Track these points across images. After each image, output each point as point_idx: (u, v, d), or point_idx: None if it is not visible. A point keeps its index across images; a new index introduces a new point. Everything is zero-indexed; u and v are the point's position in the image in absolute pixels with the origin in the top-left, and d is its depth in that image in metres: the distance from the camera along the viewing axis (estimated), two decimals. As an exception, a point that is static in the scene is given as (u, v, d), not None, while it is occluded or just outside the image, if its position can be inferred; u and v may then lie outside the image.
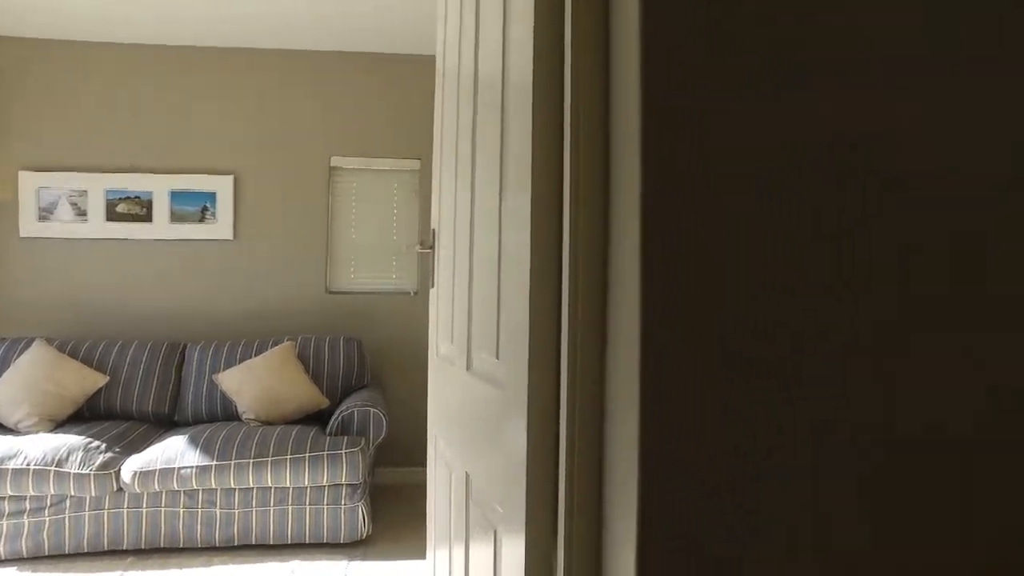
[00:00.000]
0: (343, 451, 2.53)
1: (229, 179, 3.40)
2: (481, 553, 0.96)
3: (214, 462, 2.45)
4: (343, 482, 2.51)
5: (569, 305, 0.66)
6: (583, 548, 0.66)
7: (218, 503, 2.49)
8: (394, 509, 3.07)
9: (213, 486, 2.47)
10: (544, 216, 0.73)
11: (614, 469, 0.62)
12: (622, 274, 0.61)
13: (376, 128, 3.52)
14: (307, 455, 2.51)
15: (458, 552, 1.12)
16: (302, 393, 2.90)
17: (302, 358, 3.07)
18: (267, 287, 3.43)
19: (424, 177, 3.55)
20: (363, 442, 2.60)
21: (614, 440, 0.62)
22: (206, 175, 3.39)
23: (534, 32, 0.73)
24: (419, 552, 2.58)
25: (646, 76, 0.57)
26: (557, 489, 0.70)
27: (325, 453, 2.51)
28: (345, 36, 3.32)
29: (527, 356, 0.73)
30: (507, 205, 0.84)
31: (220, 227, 3.40)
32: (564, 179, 0.69)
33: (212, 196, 3.39)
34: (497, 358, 0.87)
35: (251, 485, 2.47)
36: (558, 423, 0.71)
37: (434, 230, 1.33)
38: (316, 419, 3.02)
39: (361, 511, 2.54)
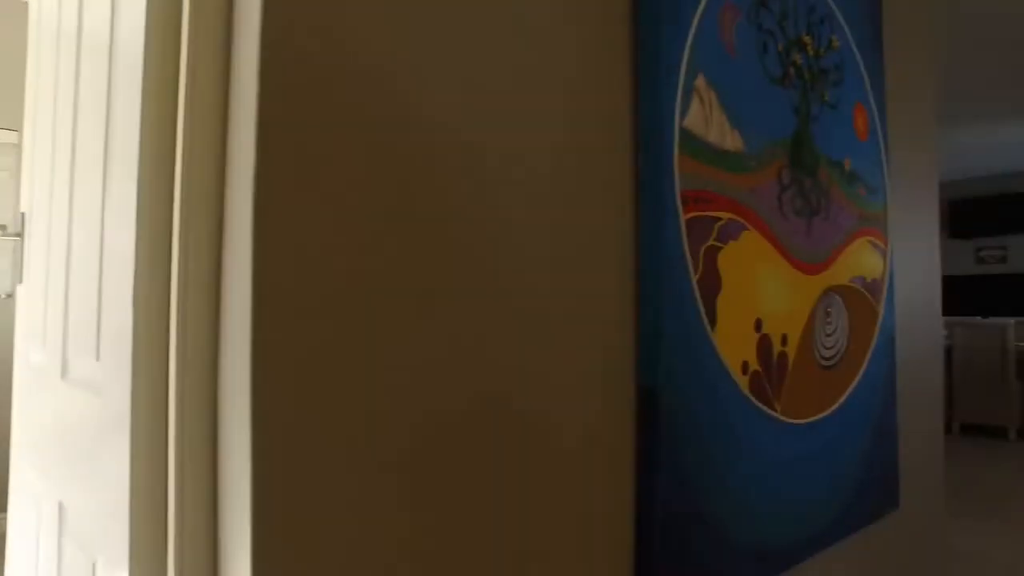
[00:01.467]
0: None
1: None
2: (77, 594, 0.82)
3: None
4: None
5: (179, 306, 0.61)
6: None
7: None
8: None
9: None
10: (153, 207, 0.65)
11: (228, 479, 0.58)
12: (235, 271, 0.58)
13: (-47, 83, 2.75)
14: None
15: (49, 600, 0.93)
16: None
17: None
18: None
19: (28, 152, 2.90)
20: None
21: (228, 448, 0.59)
22: None
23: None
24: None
25: (264, 56, 0.56)
26: (167, 506, 0.64)
27: None
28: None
29: (131, 358, 0.65)
30: (112, 191, 0.74)
31: None
32: (176, 167, 0.63)
33: None
34: (97, 360, 0.76)
35: None
36: (167, 432, 0.64)
37: (23, 214, 1.09)
38: None
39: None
